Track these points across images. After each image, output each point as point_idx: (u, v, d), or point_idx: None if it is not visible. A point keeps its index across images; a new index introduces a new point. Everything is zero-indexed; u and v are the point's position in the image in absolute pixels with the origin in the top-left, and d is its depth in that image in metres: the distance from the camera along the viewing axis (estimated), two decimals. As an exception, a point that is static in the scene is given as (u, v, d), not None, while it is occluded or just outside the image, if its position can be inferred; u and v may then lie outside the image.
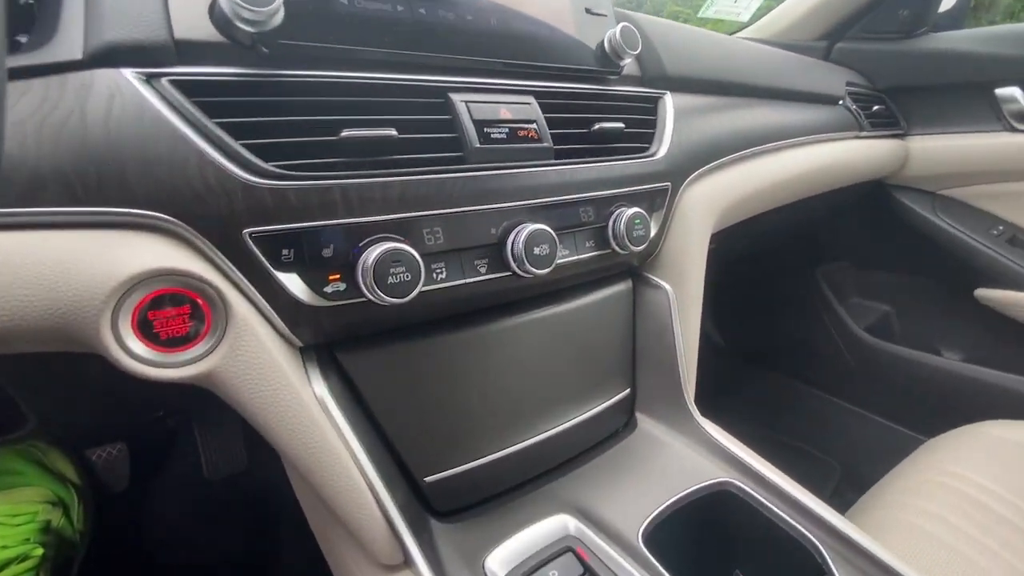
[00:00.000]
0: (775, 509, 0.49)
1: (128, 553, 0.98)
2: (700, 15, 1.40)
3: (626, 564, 0.43)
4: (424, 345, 0.47)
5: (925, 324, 1.30)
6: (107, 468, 0.98)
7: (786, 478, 0.53)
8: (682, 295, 0.64)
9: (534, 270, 0.47)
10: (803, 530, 0.47)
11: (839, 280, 1.41)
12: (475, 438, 0.49)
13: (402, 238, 0.42)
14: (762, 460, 0.55)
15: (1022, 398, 1.09)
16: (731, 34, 1.38)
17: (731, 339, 1.68)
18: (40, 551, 0.78)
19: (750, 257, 1.56)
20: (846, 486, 1.35)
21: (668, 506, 0.49)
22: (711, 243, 0.80)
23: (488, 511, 0.49)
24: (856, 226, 1.36)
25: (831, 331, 1.39)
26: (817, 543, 0.46)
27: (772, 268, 1.52)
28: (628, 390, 0.62)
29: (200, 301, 0.35)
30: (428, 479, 0.46)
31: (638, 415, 0.63)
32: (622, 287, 0.64)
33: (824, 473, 1.38)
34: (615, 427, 0.61)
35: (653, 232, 0.62)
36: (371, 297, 0.40)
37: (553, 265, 0.48)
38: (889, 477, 0.88)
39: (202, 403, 1.09)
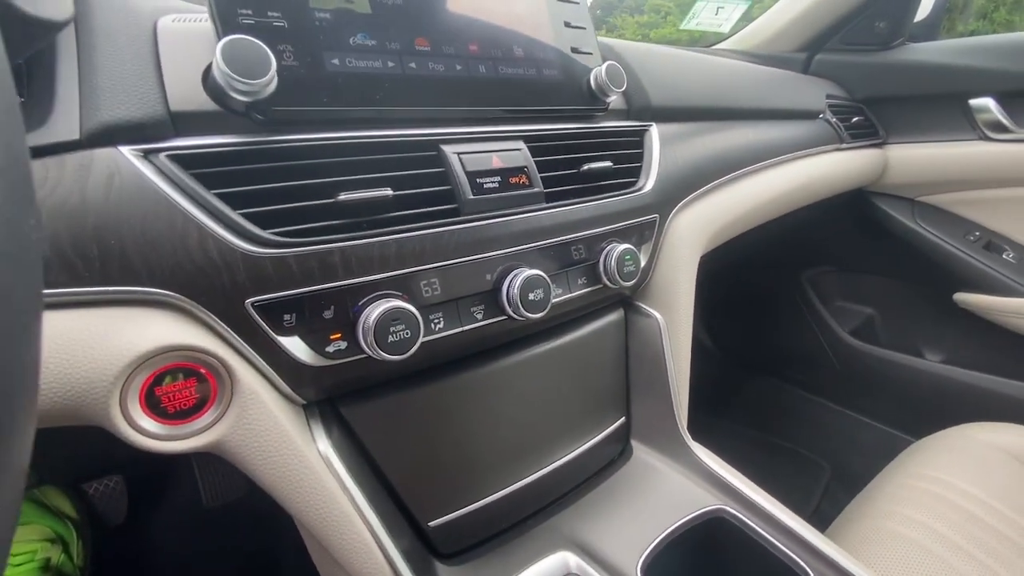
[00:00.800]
0: (765, 535, 0.51)
1: (128, 584, 0.98)
2: (683, 26, 1.41)
3: (627, 601, 0.45)
4: (424, 392, 0.48)
5: (907, 327, 1.33)
6: (105, 501, 0.98)
7: (775, 503, 0.55)
8: (672, 322, 0.66)
9: (529, 314, 0.48)
10: (792, 555, 0.49)
11: (824, 284, 1.44)
12: (476, 479, 0.50)
13: (401, 294, 0.43)
14: (752, 485, 0.57)
15: (1001, 399, 1.13)
16: (712, 45, 1.40)
17: (722, 344, 1.71)
18: (41, 590, 0.78)
19: (738, 264, 1.58)
20: (836, 485, 1.39)
21: (664, 536, 0.51)
22: (710, 263, 0.80)
23: (491, 550, 0.50)
24: (839, 232, 1.39)
25: (817, 334, 1.42)
26: (806, 567, 0.48)
27: (760, 274, 1.55)
28: (623, 418, 0.63)
29: (205, 372, 0.36)
30: (432, 524, 0.47)
31: (633, 443, 0.64)
32: (614, 317, 0.65)
33: (815, 473, 1.41)
34: (612, 456, 0.62)
35: (643, 263, 0.63)
36: (372, 355, 0.41)
37: (548, 308, 0.50)
38: (875, 483, 0.91)
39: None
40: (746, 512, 0.54)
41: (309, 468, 0.39)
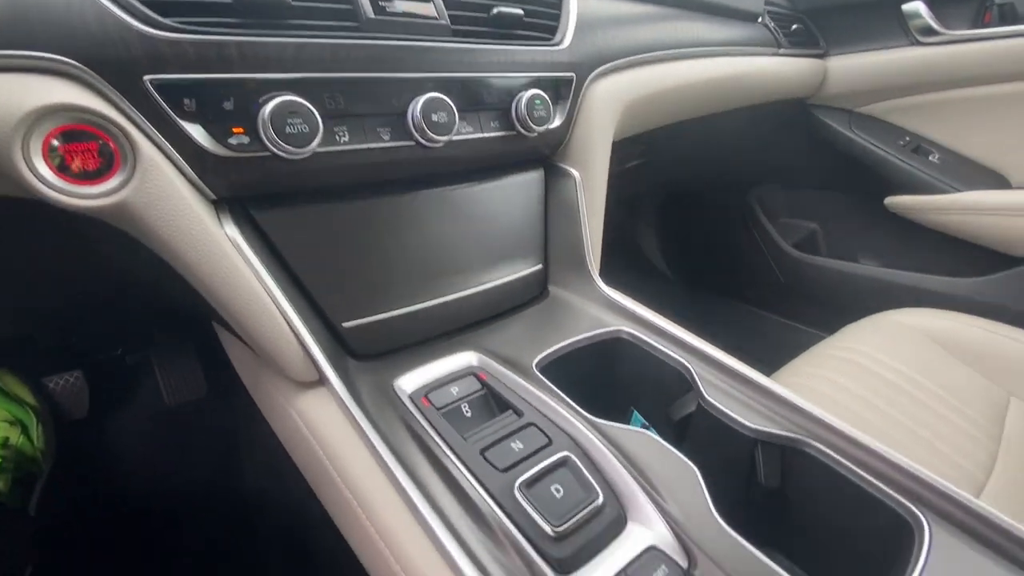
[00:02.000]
0: (657, 345, 0.57)
1: (92, 477, 1.02)
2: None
3: (522, 382, 0.49)
4: (339, 207, 0.52)
5: (846, 236, 1.40)
6: (65, 395, 1.01)
7: (674, 325, 0.60)
8: (588, 180, 0.70)
9: (435, 136, 0.52)
10: (678, 357, 0.55)
11: (770, 202, 1.50)
12: (392, 292, 0.54)
13: (301, 96, 0.45)
14: (655, 313, 0.61)
15: (924, 292, 1.20)
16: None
17: (677, 270, 1.77)
18: (-4, 461, 0.82)
19: (692, 191, 1.63)
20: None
21: (563, 346, 0.56)
22: (659, 178, 0.81)
23: (402, 353, 0.54)
24: (783, 147, 1.44)
25: (763, 250, 1.48)
26: (688, 364, 0.53)
27: (711, 196, 1.60)
28: (540, 266, 0.68)
29: (108, 140, 0.39)
30: (346, 324, 0.51)
31: (551, 287, 0.69)
32: (534, 174, 0.69)
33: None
34: (529, 296, 0.67)
35: (559, 121, 0.67)
36: (272, 147, 0.44)
37: (453, 132, 0.53)
38: (800, 358, 0.97)
39: (161, 334, 1.12)
40: (643, 330, 0.59)
41: (215, 241, 0.43)
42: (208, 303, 0.46)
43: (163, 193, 0.40)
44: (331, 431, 0.44)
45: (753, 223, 1.50)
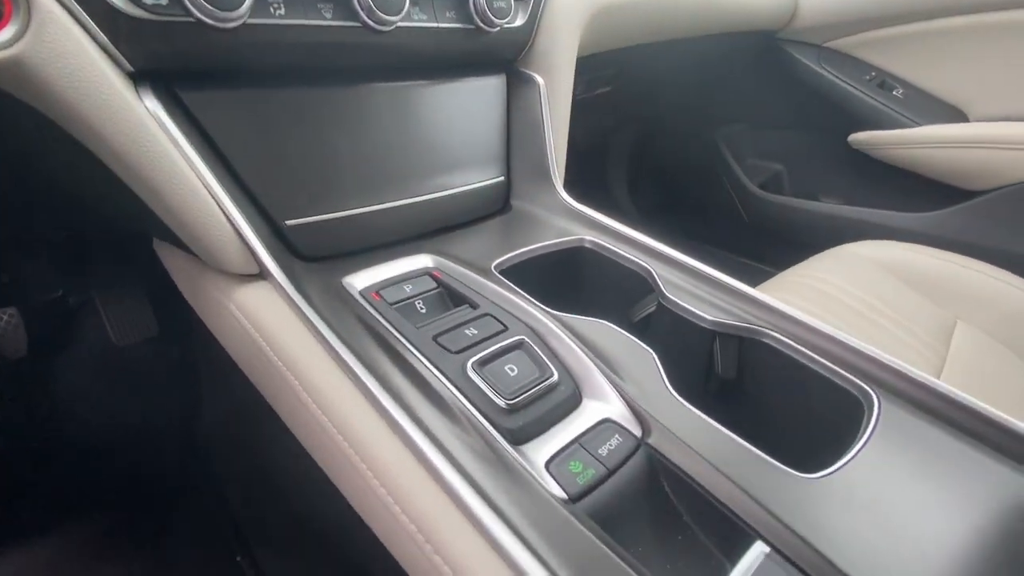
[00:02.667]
0: (618, 251, 0.55)
1: (36, 419, 0.97)
2: None
3: (480, 279, 0.47)
4: (280, 93, 0.48)
5: (810, 176, 1.41)
6: (0, 334, 0.95)
7: (637, 232, 0.58)
8: (552, 87, 0.66)
9: (382, 16, 0.48)
10: (640, 261, 0.54)
11: (737, 142, 1.49)
12: (340, 192, 0.51)
13: (227, -44, 0.40)
14: (619, 223, 0.60)
15: (883, 227, 1.23)
16: None
17: (644, 211, 1.76)
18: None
19: (661, 127, 1.61)
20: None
21: (525, 251, 0.54)
22: (627, 110, 0.77)
23: (353, 257, 0.51)
24: (752, 84, 1.42)
25: (729, 190, 1.49)
26: (648, 267, 0.52)
27: (680, 135, 1.59)
28: (502, 177, 0.65)
29: (-8, -16, 0.34)
30: (289, 222, 0.48)
31: (514, 202, 0.67)
32: (496, 80, 0.65)
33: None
34: (491, 210, 0.64)
35: (522, 21, 0.63)
36: (194, 10, 0.39)
37: (403, 14, 0.49)
38: (762, 285, 0.99)
39: (104, 275, 1.05)
40: (606, 238, 0.57)
41: (132, 111, 0.38)
42: (133, 194, 0.42)
43: (64, 50, 0.36)
44: (270, 318, 0.41)
45: (720, 164, 1.50)
